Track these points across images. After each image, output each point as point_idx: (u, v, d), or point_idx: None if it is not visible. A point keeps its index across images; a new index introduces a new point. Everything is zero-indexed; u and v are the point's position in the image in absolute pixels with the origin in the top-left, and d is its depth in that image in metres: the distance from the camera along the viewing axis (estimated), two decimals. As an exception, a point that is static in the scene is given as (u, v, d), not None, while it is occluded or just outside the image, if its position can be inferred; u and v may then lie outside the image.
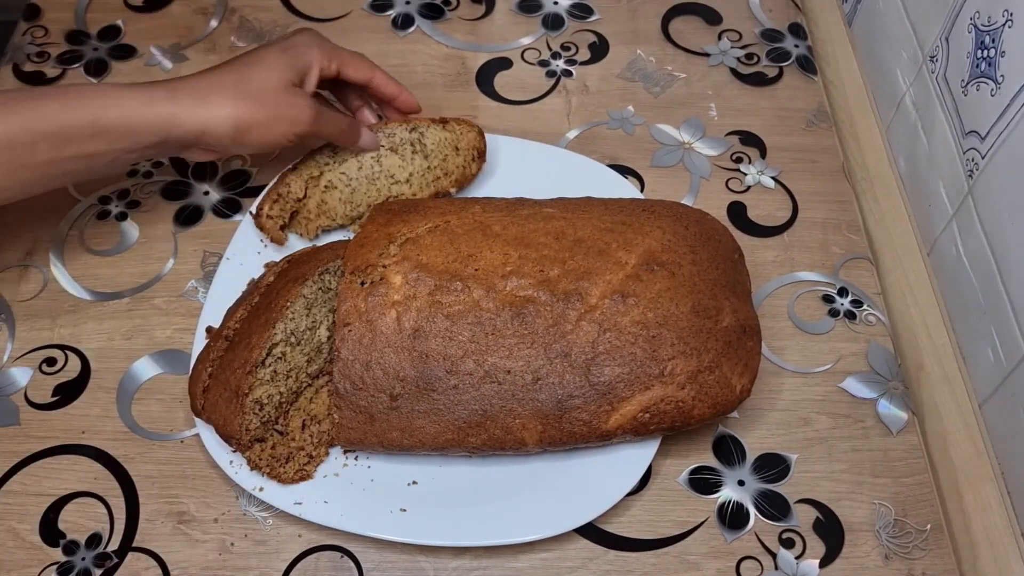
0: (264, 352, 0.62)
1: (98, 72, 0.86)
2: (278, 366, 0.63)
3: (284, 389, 0.63)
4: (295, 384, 0.64)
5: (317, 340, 0.65)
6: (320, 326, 0.65)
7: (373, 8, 0.92)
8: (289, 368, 0.63)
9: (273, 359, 0.62)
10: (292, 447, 0.63)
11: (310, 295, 0.65)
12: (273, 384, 0.63)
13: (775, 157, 0.82)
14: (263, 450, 0.62)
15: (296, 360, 0.64)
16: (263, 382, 0.62)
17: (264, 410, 0.62)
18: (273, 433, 0.63)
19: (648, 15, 0.93)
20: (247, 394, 0.61)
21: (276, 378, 0.63)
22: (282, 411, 0.63)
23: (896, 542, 0.63)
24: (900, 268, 0.77)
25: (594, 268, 0.63)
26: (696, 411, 0.61)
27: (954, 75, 0.71)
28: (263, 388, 0.62)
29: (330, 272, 0.66)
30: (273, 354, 0.62)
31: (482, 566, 0.62)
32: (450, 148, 0.75)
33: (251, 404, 0.61)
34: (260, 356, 0.62)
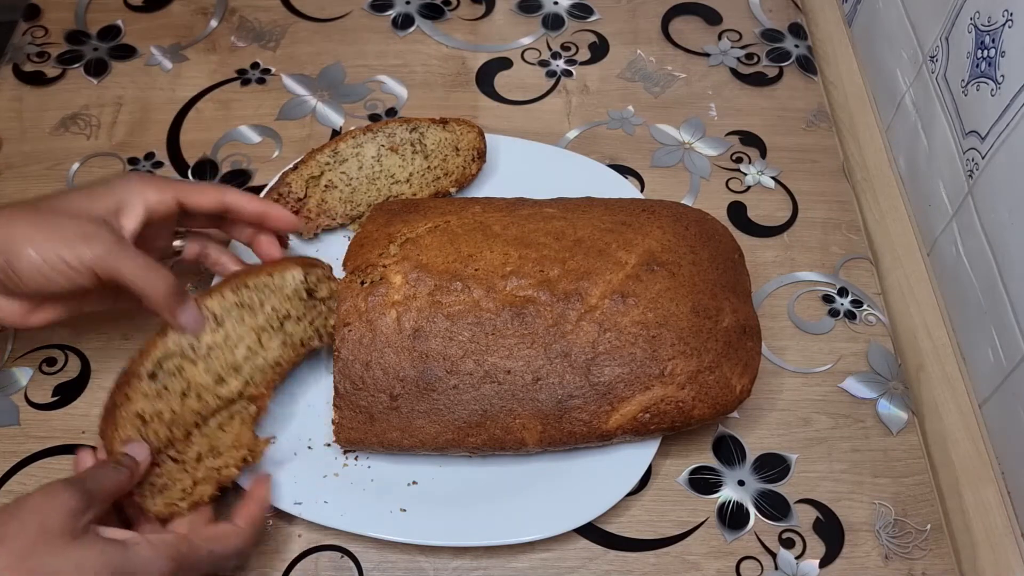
0: (150, 363, 0.58)
1: (98, 72, 0.86)
2: (170, 382, 0.58)
3: (180, 409, 0.58)
4: (198, 404, 0.59)
5: (233, 360, 0.60)
6: (239, 344, 0.60)
7: (373, 8, 0.92)
8: (186, 386, 0.59)
9: (164, 373, 0.58)
10: (175, 478, 0.58)
11: (217, 309, 0.60)
12: (162, 400, 0.58)
13: (775, 157, 0.82)
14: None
15: (198, 377, 0.59)
16: (148, 396, 0.58)
17: (149, 428, 0.57)
18: (166, 459, 0.58)
19: (648, 15, 0.93)
20: (121, 405, 0.57)
21: (165, 394, 0.58)
22: (181, 434, 0.59)
23: (896, 542, 0.63)
24: (900, 268, 0.77)
25: (594, 268, 0.63)
26: (696, 411, 0.61)
27: (954, 75, 0.71)
28: (146, 402, 0.57)
29: (250, 288, 0.61)
30: (165, 368, 0.58)
31: (482, 566, 0.62)
32: (450, 148, 0.75)
33: (128, 416, 0.57)
34: (145, 367, 0.58)
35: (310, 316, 0.63)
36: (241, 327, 0.61)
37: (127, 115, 0.83)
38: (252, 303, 0.61)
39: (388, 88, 0.86)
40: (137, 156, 0.80)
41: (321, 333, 0.64)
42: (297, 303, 0.63)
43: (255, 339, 0.61)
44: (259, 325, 0.61)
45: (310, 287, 0.63)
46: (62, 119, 0.82)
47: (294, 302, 0.62)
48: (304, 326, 0.63)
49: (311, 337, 0.63)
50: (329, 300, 0.64)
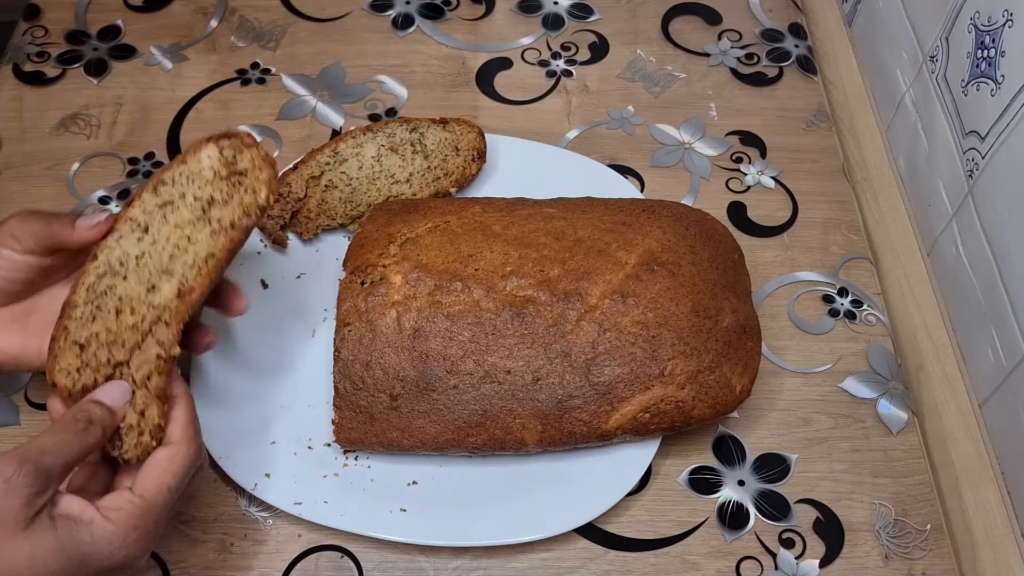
0: (84, 289, 0.55)
1: (98, 72, 0.86)
2: (103, 301, 0.55)
3: (116, 326, 0.55)
4: (132, 318, 0.55)
5: (160, 263, 0.56)
6: (167, 244, 0.56)
7: (373, 8, 0.92)
8: (119, 301, 0.55)
9: (94, 295, 0.55)
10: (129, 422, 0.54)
11: (139, 215, 0.56)
12: (97, 322, 0.55)
13: (775, 157, 0.82)
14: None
15: (130, 290, 0.55)
16: (83, 321, 0.55)
17: (88, 353, 0.55)
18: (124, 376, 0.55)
19: (648, 15, 0.93)
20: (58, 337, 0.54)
21: (100, 315, 0.55)
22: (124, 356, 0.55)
23: (896, 542, 0.63)
24: (900, 268, 0.77)
25: (594, 268, 0.63)
26: (696, 411, 0.61)
27: (954, 75, 0.70)
28: (83, 328, 0.55)
29: (168, 183, 0.56)
30: (94, 289, 0.55)
31: (482, 566, 0.62)
32: (450, 148, 0.75)
33: (67, 346, 0.54)
34: (79, 295, 0.55)
35: (236, 195, 0.56)
36: (166, 227, 0.56)
37: (127, 115, 0.83)
38: (173, 198, 0.56)
39: (388, 88, 0.86)
40: (137, 156, 0.80)
41: (250, 210, 0.56)
42: (219, 183, 0.56)
43: (181, 235, 0.56)
44: (184, 219, 0.56)
45: (228, 161, 0.56)
46: (62, 119, 0.82)
47: (215, 184, 0.56)
48: (232, 207, 0.56)
49: (240, 216, 0.56)
50: (254, 170, 0.56)
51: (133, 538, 0.49)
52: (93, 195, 0.78)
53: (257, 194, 0.56)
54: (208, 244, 0.56)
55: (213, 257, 0.56)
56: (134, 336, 0.55)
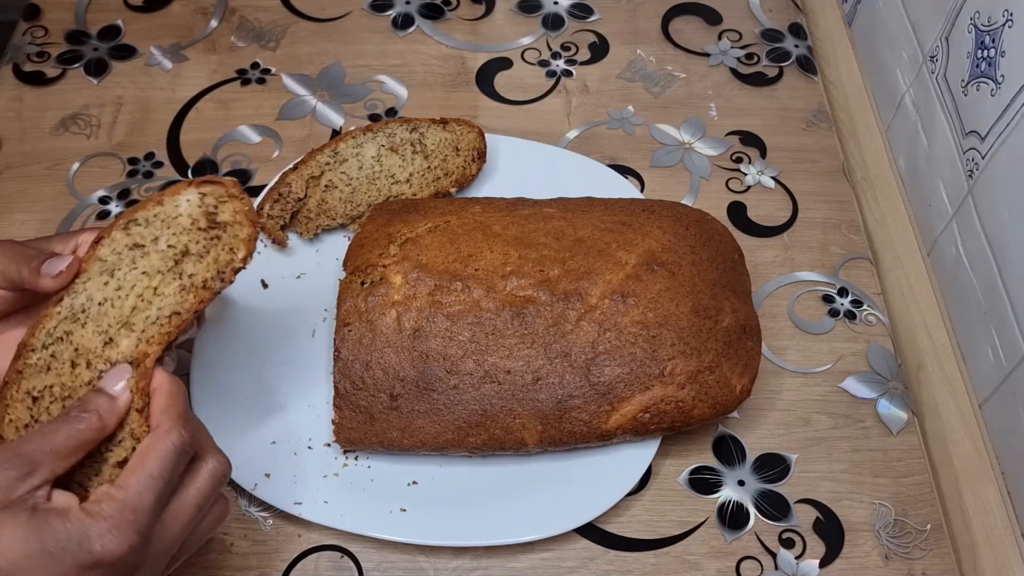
0: (42, 333, 0.51)
1: (98, 72, 0.86)
2: (57, 349, 0.51)
3: (71, 381, 0.51)
4: (89, 373, 0.51)
5: (121, 314, 0.51)
6: (131, 291, 0.51)
7: (373, 8, 0.92)
8: (75, 352, 0.51)
9: (52, 340, 0.51)
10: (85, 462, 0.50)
11: (109, 256, 0.52)
12: (51, 373, 0.51)
13: (775, 157, 0.82)
14: None
15: (86, 341, 0.51)
16: (38, 369, 0.50)
17: (40, 406, 0.50)
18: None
19: (648, 15, 0.93)
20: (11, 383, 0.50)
21: (55, 365, 0.51)
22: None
23: (896, 542, 0.63)
24: (900, 268, 0.77)
25: (594, 268, 0.63)
26: (696, 411, 0.61)
27: (954, 75, 0.70)
28: (37, 377, 0.50)
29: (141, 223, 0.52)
30: (52, 334, 0.51)
31: (482, 566, 0.62)
32: (450, 148, 0.75)
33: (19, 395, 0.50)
34: (37, 338, 0.51)
35: (214, 251, 0.52)
36: (133, 272, 0.51)
37: (127, 115, 0.83)
38: (144, 242, 0.52)
39: (388, 88, 0.86)
40: (137, 156, 0.80)
41: (224, 273, 0.52)
42: (196, 234, 0.52)
43: (148, 285, 0.51)
44: (154, 267, 0.51)
45: (209, 211, 0.52)
46: (62, 119, 0.82)
47: (192, 233, 0.52)
48: (207, 263, 0.52)
49: (214, 277, 0.52)
50: (234, 225, 0.52)
51: (108, 530, 0.45)
52: (93, 195, 0.78)
53: (235, 253, 0.52)
54: (174, 301, 0.52)
55: (178, 316, 0.52)
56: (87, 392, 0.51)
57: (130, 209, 0.53)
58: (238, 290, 0.70)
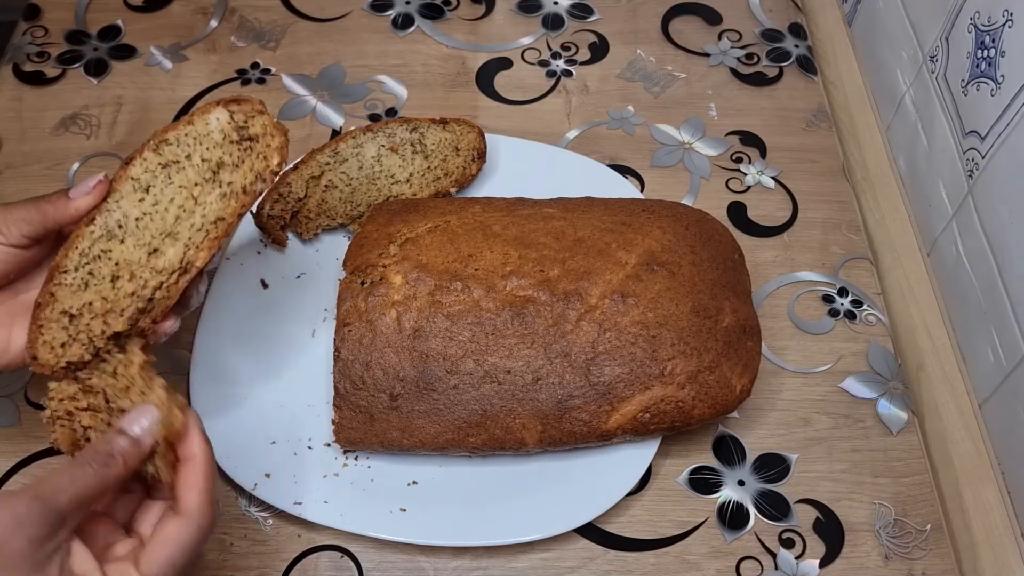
0: (75, 254, 0.52)
1: (98, 72, 0.86)
2: (95, 267, 0.52)
3: (112, 295, 0.52)
4: (132, 285, 0.52)
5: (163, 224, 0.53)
6: (171, 205, 0.54)
7: (373, 8, 0.92)
8: (116, 267, 0.52)
9: (87, 259, 0.52)
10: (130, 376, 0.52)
11: (142, 175, 0.54)
12: (90, 290, 0.52)
13: (775, 157, 0.82)
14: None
15: (128, 254, 0.52)
16: (73, 289, 0.52)
17: (79, 323, 0.52)
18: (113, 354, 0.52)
19: (648, 15, 0.93)
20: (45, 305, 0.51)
21: (93, 282, 0.52)
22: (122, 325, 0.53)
23: (896, 542, 0.63)
24: (900, 268, 0.77)
25: (594, 268, 0.63)
26: (696, 411, 0.61)
27: (954, 75, 0.71)
28: (73, 297, 0.51)
29: (172, 143, 0.55)
30: (88, 254, 0.52)
31: (482, 566, 0.62)
32: (450, 148, 0.75)
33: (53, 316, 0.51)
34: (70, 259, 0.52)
35: (248, 160, 0.55)
36: (170, 187, 0.54)
37: (127, 115, 0.83)
38: (178, 158, 0.54)
39: (388, 88, 0.86)
40: (137, 156, 0.80)
41: (263, 175, 0.55)
42: (229, 147, 0.54)
43: (187, 197, 0.54)
44: (190, 180, 0.54)
45: (239, 125, 0.55)
46: (62, 119, 0.82)
47: (225, 147, 0.54)
48: (243, 171, 0.54)
49: (253, 182, 0.55)
50: (265, 136, 0.55)
51: None
52: (93, 195, 0.78)
53: (269, 160, 0.54)
54: (218, 207, 0.54)
55: (223, 221, 0.54)
56: (134, 304, 0.52)
57: (160, 130, 0.55)
58: (238, 290, 0.70)
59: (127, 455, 0.49)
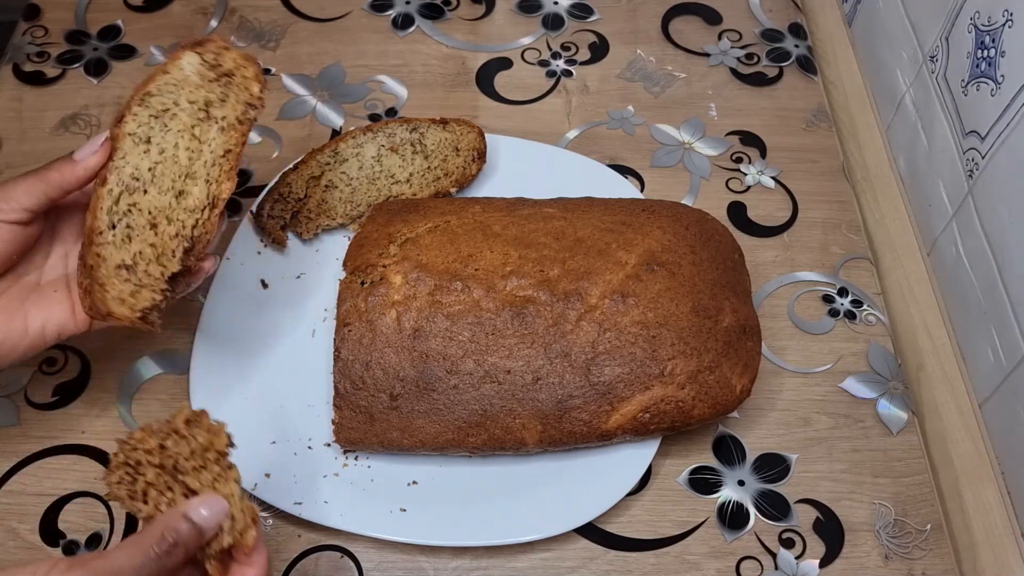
0: (104, 215, 0.55)
1: (98, 72, 0.86)
2: (130, 220, 0.55)
3: (159, 240, 0.56)
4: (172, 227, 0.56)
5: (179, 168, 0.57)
6: (178, 150, 0.57)
7: (373, 8, 0.92)
8: (150, 215, 0.56)
9: (120, 216, 0.55)
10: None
11: (137, 129, 0.57)
12: (136, 241, 0.55)
13: (775, 157, 0.82)
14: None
15: (156, 202, 0.56)
16: (118, 245, 0.55)
17: (138, 272, 0.55)
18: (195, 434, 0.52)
19: (648, 15, 0.93)
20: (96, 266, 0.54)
21: (136, 233, 0.55)
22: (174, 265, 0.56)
23: (896, 542, 0.63)
24: (900, 268, 0.77)
25: (594, 268, 0.63)
26: (696, 411, 0.61)
27: (954, 75, 0.71)
28: (121, 251, 0.55)
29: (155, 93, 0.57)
30: (116, 211, 0.55)
31: (482, 566, 0.62)
32: (450, 149, 0.75)
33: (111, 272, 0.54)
34: (101, 220, 0.55)
35: (231, 93, 0.58)
36: (169, 134, 0.57)
37: (127, 115, 0.83)
38: (167, 106, 0.57)
39: (388, 88, 0.86)
40: (137, 156, 0.80)
41: (251, 102, 0.59)
42: (210, 85, 0.58)
43: (191, 138, 0.57)
44: (187, 124, 0.57)
45: (212, 64, 0.58)
46: (62, 119, 0.82)
47: (206, 86, 0.58)
48: (231, 104, 0.58)
49: (244, 111, 0.59)
50: (239, 69, 0.58)
51: None
52: (93, 195, 0.78)
53: (251, 88, 0.58)
54: (221, 140, 0.57)
55: (231, 152, 0.58)
56: (180, 244, 0.55)
57: (140, 85, 0.58)
58: (238, 290, 0.70)
59: (190, 543, 0.47)
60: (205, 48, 0.58)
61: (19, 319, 0.56)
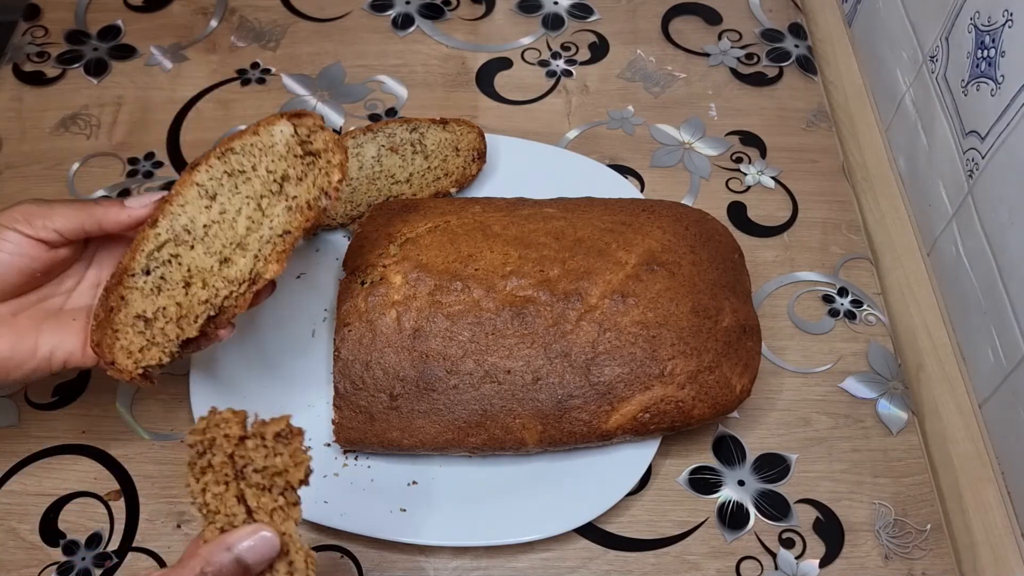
0: (143, 257, 0.53)
1: (98, 72, 0.86)
2: (168, 272, 0.54)
3: (186, 300, 0.54)
4: (205, 292, 0.54)
5: (234, 235, 0.55)
6: (239, 215, 0.55)
7: (373, 8, 0.92)
8: (188, 273, 0.54)
9: (158, 264, 0.54)
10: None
11: (207, 182, 0.55)
12: (163, 295, 0.53)
13: (775, 157, 0.82)
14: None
15: (199, 261, 0.54)
16: (146, 293, 0.53)
17: (154, 328, 0.53)
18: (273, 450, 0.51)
19: (648, 15, 0.93)
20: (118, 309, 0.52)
21: (166, 287, 0.53)
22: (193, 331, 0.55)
23: (896, 542, 0.63)
24: (900, 268, 0.77)
25: (594, 268, 0.63)
26: (696, 411, 0.61)
27: (954, 75, 0.71)
28: (146, 301, 0.53)
29: (238, 152, 0.55)
30: (157, 258, 0.54)
31: (482, 566, 0.62)
32: (450, 149, 0.75)
33: (128, 321, 0.52)
34: (138, 262, 0.53)
35: (311, 174, 0.55)
36: (236, 197, 0.55)
37: (127, 115, 0.83)
38: (244, 168, 0.55)
39: (388, 88, 0.86)
40: (137, 156, 0.80)
41: (327, 191, 0.55)
42: (293, 160, 0.55)
43: (255, 208, 0.55)
44: (257, 192, 0.55)
45: (303, 139, 0.55)
46: (62, 119, 0.82)
47: (289, 160, 0.55)
48: (307, 185, 0.55)
49: (317, 197, 0.55)
50: (327, 152, 0.55)
51: None
52: (93, 195, 0.78)
53: (331, 175, 0.55)
54: (284, 220, 0.55)
55: (290, 234, 0.55)
56: (206, 312, 0.53)
57: (227, 138, 0.56)
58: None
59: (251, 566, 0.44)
60: (302, 122, 0.55)
61: (30, 339, 0.55)
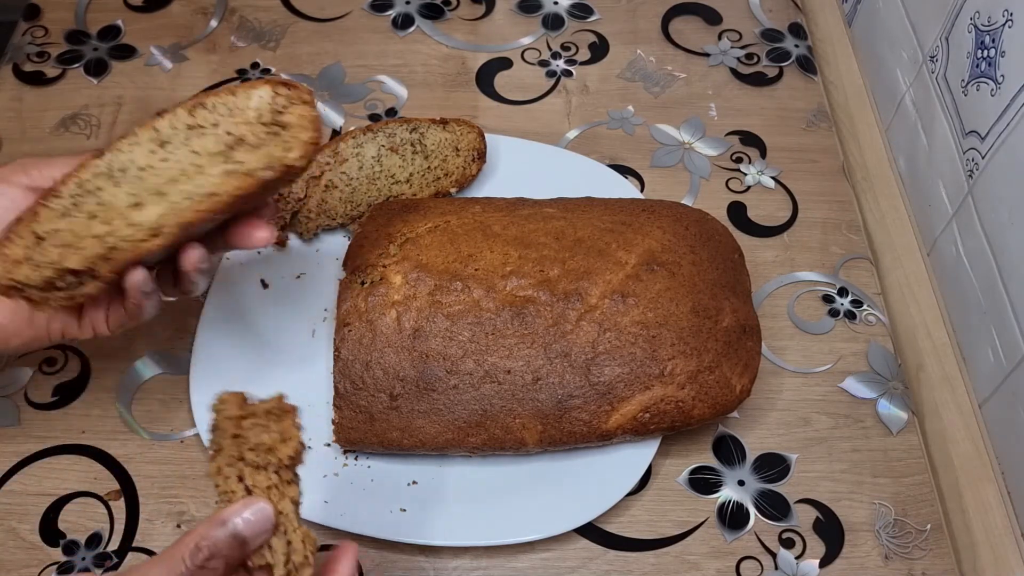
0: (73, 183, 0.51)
1: (98, 72, 0.86)
2: (80, 199, 0.51)
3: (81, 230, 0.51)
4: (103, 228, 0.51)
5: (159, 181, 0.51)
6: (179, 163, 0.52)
7: (373, 8, 0.92)
8: (98, 206, 0.51)
9: (81, 191, 0.51)
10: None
11: (166, 128, 0.52)
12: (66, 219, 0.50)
13: (775, 157, 0.82)
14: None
15: (114, 199, 0.51)
16: (54, 214, 0.51)
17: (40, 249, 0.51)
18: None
19: (648, 15, 0.93)
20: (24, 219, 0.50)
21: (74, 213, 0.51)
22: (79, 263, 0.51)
23: (896, 542, 0.63)
24: (900, 268, 0.77)
25: (594, 268, 0.63)
26: (696, 411, 0.61)
27: (954, 75, 0.71)
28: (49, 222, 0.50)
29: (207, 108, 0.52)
30: (83, 186, 0.51)
31: (482, 566, 0.62)
32: (450, 149, 0.75)
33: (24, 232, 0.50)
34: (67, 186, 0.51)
35: (269, 145, 0.52)
36: (182, 150, 0.52)
37: (127, 115, 0.83)
38: (205, 124, 0.52)
39: (388, 88, 0.86)
40: (137, 156, 0.80)
41: (274, 164, 0.52)
42: (256, 127, 0.52)
43: (195, 162, 0.51)
44: (207, 148, 0.52)
45: (277, 109, 0.52)
46: (62, 119, 0.82)
47: (253, 126, 0.52)
48: (258, 154, 0.52)
49: (263, 168, 0.52)
50: (297, 128, 0.52)
51: None
52: (93, 195, 0.78)
53: (288, 152, 0.52)
54: (216, 181, 0.51)
55: (215, 196, 0.51)
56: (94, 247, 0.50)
57: (202, 93, 0.53)
58: (238, 290, 0.70)
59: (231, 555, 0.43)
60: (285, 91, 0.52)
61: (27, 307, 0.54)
